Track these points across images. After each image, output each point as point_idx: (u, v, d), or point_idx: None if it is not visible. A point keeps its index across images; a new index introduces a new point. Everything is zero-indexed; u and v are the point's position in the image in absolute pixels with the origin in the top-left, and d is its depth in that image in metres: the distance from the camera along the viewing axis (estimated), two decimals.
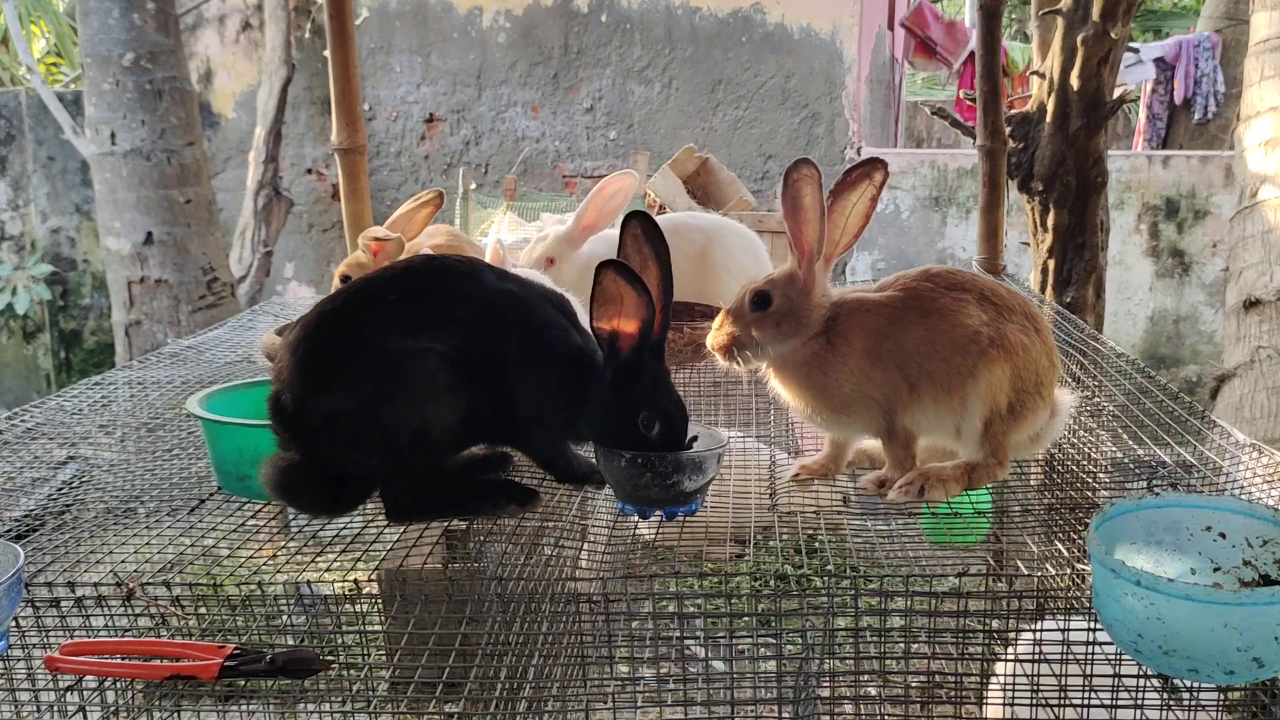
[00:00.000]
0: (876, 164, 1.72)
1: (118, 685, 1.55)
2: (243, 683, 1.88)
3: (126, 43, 5.88)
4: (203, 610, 1.59)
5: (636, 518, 1.72)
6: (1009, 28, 15.75)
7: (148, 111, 5.93)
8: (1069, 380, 2.29)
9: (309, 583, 1.51)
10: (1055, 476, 2.04)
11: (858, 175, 1.71)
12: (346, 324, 1.59)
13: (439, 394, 1.54)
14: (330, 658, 1.38)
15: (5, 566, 1.38)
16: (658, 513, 1.67)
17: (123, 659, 1.40)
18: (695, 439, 1.83)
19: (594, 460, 1.77)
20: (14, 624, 1.48)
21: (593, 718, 1.56)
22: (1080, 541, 1.55)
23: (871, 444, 1.92)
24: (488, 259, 2.27)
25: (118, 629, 1.52)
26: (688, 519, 1.71)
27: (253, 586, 1.51)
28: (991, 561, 1.82)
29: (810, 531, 1.73)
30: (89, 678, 1.49)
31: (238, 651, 1.36)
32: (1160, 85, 10.30)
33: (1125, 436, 1.93)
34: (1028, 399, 1.70)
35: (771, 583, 1.47)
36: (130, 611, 1.48)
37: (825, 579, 1.43)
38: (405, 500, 1.64)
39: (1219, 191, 7.72)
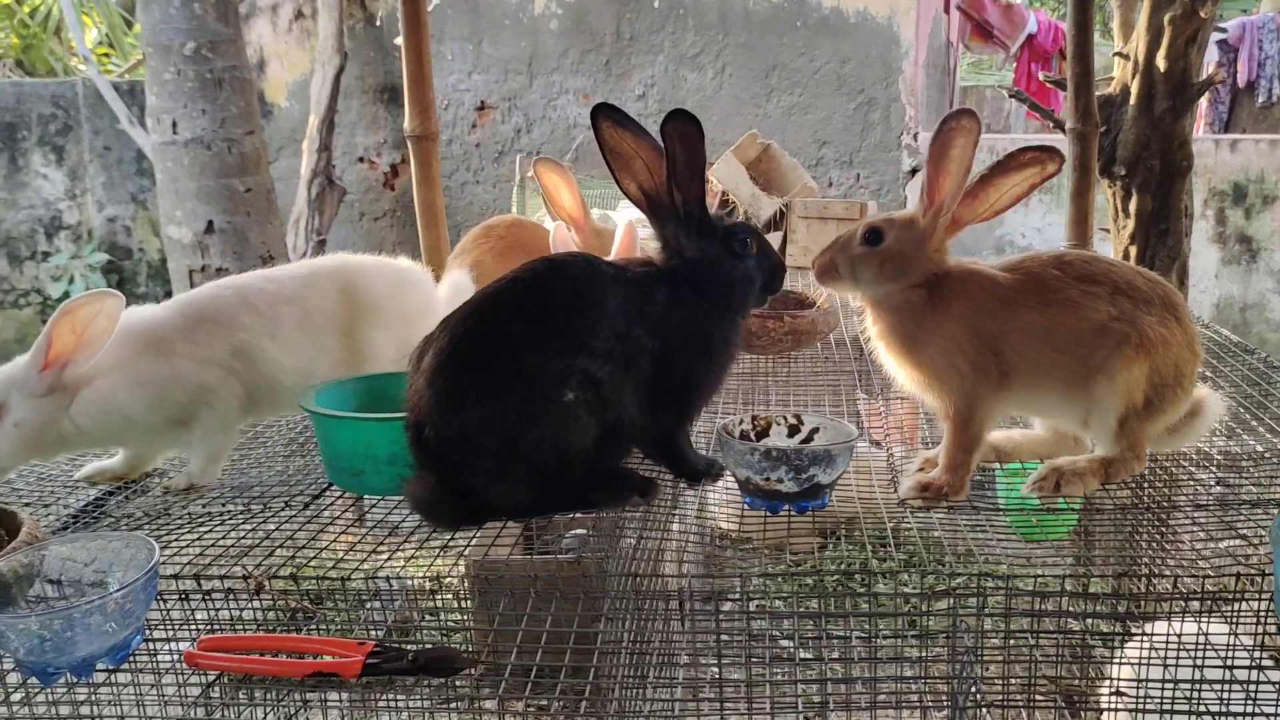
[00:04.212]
0: (1053, 154, 1.65)
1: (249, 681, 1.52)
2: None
3: (187, 32, 5.88)
4: (329, 605, 1.55)
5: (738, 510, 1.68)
6: (1058, 9, 15.39)
7: (208, 100, 5.93)
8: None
9: (438, 577, 1.47)
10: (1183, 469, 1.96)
11: (1030, 158, 1.64)
12: (482, 347, 1.53)
13: (580, 417, 1.51)
14: (471, 653, 1.34)
15: (140, 560, 1.35)
16: (787, 506, 1.63)
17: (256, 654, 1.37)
18: (816, 430, 1.79)
19: (710, 456, 1.74)
20: None
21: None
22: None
23: (1000, 436, 1.85)
24: (616, 243, 2.34)
25: (243, 623, 1.50)
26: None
27: (381, 581, 1.47)
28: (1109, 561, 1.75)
29: (893, 525, 1.68)
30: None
31: (378, 649, 1.32)
32: (1223, 68, 10.06)
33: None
34: (1166, 392, 1.64)
35: (923, 581, 1.41)
36: (259, 605, 1.45)
37: (978, 579, 1.37)
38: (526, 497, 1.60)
39: None
